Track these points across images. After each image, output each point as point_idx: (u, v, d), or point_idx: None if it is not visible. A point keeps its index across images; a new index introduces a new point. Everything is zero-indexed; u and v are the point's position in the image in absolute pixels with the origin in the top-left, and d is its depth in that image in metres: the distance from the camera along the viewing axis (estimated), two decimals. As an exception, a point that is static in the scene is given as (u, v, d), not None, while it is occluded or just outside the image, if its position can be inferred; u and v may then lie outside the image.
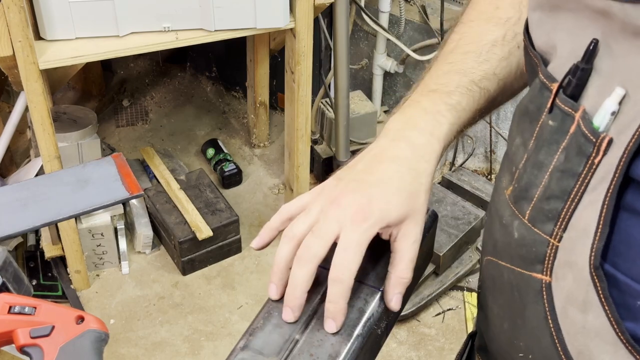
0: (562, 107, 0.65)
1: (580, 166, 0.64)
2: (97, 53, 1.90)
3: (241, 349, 0.69)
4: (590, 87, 0.63)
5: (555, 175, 0.66)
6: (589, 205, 0.63)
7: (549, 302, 0.69)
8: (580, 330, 0.67)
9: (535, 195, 0.68)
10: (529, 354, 0.74)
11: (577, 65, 0.63)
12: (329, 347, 0.69)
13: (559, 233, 0.67)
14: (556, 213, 0.67)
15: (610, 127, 0.61)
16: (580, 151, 0.63)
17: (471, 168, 2.74)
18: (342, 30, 2.22)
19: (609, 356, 0.65)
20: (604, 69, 0.62)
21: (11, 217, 0.88)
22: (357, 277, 0.75)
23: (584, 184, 0.64)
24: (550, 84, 0.67)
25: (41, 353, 0.72)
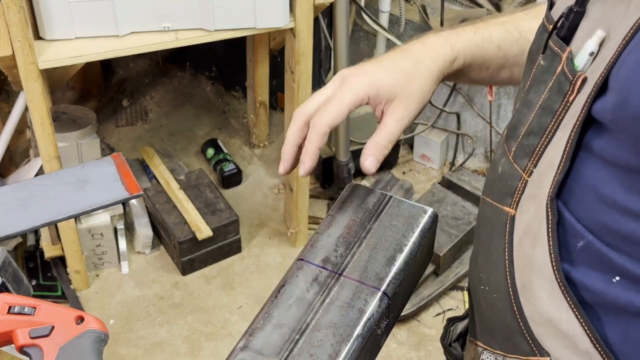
0: (554, 47, 0.68)
1: (557, 103, 0.66)
2: (97, 53, 1.89)
3: (241, 349, 0.69)
4: (580, 30, 0.66)
5: (538, 112, 0.69)
6: (558, 141, 0.66)
7: (509, 235, 0.73)
8: (527, 264, 0.70)
9: (521, 132, 0.72)
10: (486, 286, 0.77)
11: (571, 7, 0.67)
12: (329, 347, 0.69)
13: (531, 168, 0.70)
14: (532, 149, 0.70)
15: (588, 67, 0.64)
16: (560, 89, 0.66)
17: (471, 168, 2.74)
18: (342, 30, 2.22)
19: (546, 294, 0.68)
20: (594, 14, 0.65)
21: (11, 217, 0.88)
22: (357, 277, 0.75)
23: (558, 121, 0.66)
24: (549, 25, 0.70)
25: (41, 353, 0.72)
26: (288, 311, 0.72)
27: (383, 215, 0.82)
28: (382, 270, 0.76)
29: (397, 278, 0.77)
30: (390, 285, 0.75)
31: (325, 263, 0.77)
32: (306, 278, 0.76)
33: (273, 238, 2.52)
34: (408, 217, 0.82)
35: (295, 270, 0.77)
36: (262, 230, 2.55)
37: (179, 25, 1.94)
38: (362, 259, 0.78)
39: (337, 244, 0.79)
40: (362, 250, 0.79)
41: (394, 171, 2.78)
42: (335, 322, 0.71)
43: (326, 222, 0.82)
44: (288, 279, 0.76)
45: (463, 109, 2.67)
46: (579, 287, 0.67)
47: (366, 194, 0.85)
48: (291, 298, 0.74)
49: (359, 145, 2.60)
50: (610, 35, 0.62)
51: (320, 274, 0.76)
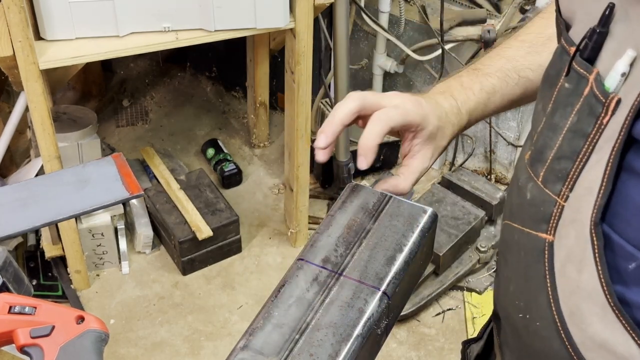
0: (578, 69, 0.67)
1: (590, 126, 0.65)
2: (97, 53, 1.90)
3: (241, 349, 0.69)
4: (605, 51, 0.65)
5: (568, 136, 0.68)
6: (595, 164, 0.65)
7: (549, 261, 0.71)
8: (574, 290, 0.68)
9: (549, 157, 0.70)
10: (527, 314, 0.75)
11: (593, 28, 0.65)
12: (329, 347, 0.69)
13: (566, 193, 0.68)
14: (565, 173, 0.68)
15: (620, 88, 0.62)
16: (591, 112, 0.65)
17: (471, 168, 2.74)
18: (342, 30, 2.22)
19: (598, 319, 0.67)
20: (619, 33, 0.64)
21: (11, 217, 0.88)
22: (357, 276, 0.76)
23: (592, 144, 0.65)
24: (569, 47, 0.69)
25: (41, 353, 0.72)
26: (288, 311, 0.72)
27: (383, 215, 0.82)
28: (382, 270, 0.76)
29: (397, 278, 0.77)
30: (390, 285, 0.76)
31: (325, 263, 0.77)
32: (306, 278, 0.76)
33: (273, 238, 2.52)
34: (408, 217, 0.82)
35: (295, 270, 0.77)
36: (262, 230, 2.55)
37: (179, 25, 1.94)
38: (362, 259, 0.78)
39: (337, 244, 0.79)
40: (362, 250, 0.79)
41: (394, 171, 2.78)
42: (335, 321, 0.71)
43: (326, 222, 0.82)
44: (288, 279, 0.76)
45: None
46: (634, 309, 0.65)
47: (366, 194, 0.85)
48: (291, 298, 0.74)
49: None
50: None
51: (320, 274, 0.76)
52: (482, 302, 2.32)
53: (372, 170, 2.74)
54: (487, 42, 2.36)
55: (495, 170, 2.70)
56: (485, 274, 2.38)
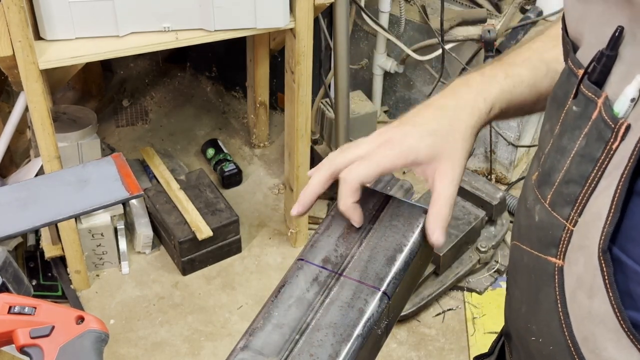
0: (586, 93, 0.66)
1: (598, 151, 0.64)
2: (97, 53, 1.90)
3: (241, 349, 0.69)
4: (614, 74, 0.64)
5: (576, 160, 0.67)
6: (604, 190, 0.64)
7: (559, 286, 0.70)
8: (586, 316, 0.68)
9: (556, 179, 0.69)
10: (539, 338, 0.75)
11: (602, 52, 0.64)
12: (329, 347, 0.69)
13: (575, 217, 0.68)
14: (574, 197, 0.67)
15: (629, 113, 0.62)
16: (600, 137, 0.64)
17: (471, 168, 2.74)
18: (342, 30, 2.22)
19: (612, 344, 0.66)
20: (627, 57, 0.63)
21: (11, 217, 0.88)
22: (357, 277, 0.75)
23: (601, 170, 0.64)
24: (577, 70, 0.68)
25: (41, 353, 0.72)
26: (288, 311, 0.72)
27: (383, 215, 0.82)
28: (382, 270, 0.76)
29: (397, 278, 0.77)
30: (390, 285, 0.75)
31: (325, 263, 0.77)
32: (306, 278, 0.76)
33: (273, 238, 2.52)
34: (408, 217, 0.82)
35: (295, 270, 0.77)
36: (262, 230, 2.55)
37: (179, 25, 1.94)
38: (362, 259, 0.78)
39: (337, 244, 0.79)
40: (362, 250, 0.79)
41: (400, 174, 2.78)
42: (335, 322, 0.71)
43: (326, 222, 0.82)
44: (288, 279, 0.76)
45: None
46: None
47: (366, 194, 0.85)
48: (291, 298, 0.74)
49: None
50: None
51: (320, 274, 0.76)
52: (482, 302, 2.32)
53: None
54: (487, 42, 2.36)
55: (495, 170, 2.70)
56: (485, 274, 2.38)
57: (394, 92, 2.81)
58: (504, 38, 2.48)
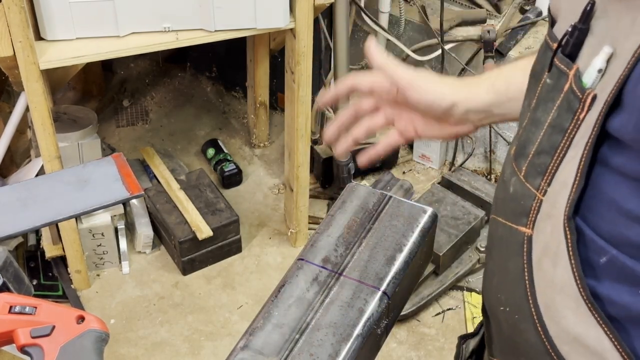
0: (559, 65, 0.68)
1: (568, 122, 0.66)
2: (98, 53, 1.90)
3: (241, 348, 0.70)
4: (586, 47, 0.66)
5: (548, 131, 0.69)
6: (571, 160, 0.66)
7: (527, 255, 0.72)
8: (549, 284, 0.69)
9: (531, 151, 0.71)
10: (507, 307, 0.76)
11: (575, 25, 0.66)
12: (329, 347, 0.69)
13: (544, 187, 0.69)
14: (544, 167, 0.69)
15: (597, 84, 0.63)
16: (569, 107, 0.66)
17: (471, 168, 2.74)
18: (342, 30, 2.22)
19: (572, 312, 0.68)
20: (598, 30, 0.65)
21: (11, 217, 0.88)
22: (357, 276, 0.76)
23: (570, 139, 0.66)
24: (552, 43, 0.70)
25: (42, 353, 0.72)
26: (288, 311, 0.73)
27: (383, 215, 0.83)
28: (381, 270, 0.77)
29: (397, 278, 0.77)
30: (390, 285, 0.76)
31: (325, 263, 0.77)
32: (306, 278, 0.76)
33: (273, 238, 2.52)
34: (408, 217, 0.82)
35: (296, 270, 0.77)
36: (262, 230, 2.55)
37: (179, 25, 1.94)
38: (362, 259, 0.78)
39: (337, 244, 0.79)
40: (362, 250, 0.79)
41: (394, 171, 2.78)
42: (335, 321, 0.72)
43: (326, 222, 0.83)
44: (288, 279, 0.76)
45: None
46: (605, 303, 0.66)
47: (366, 194, 0.85)
48: (291, 298, 0.74)
49: (358, 145, 2.60)
50: (617, 51, 0.62)
51: (320, 274, 0.76)
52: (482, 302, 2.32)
53: (372, 170, 2.74)
54: (487, 42, 2.36)
55: (495, 170, 2.70)
56: (485, 274, 2.38)
57: (394, 92, 2.81)
58: (503, 38, 2.48)
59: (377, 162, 2.72)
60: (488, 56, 2.37)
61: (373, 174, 2.74)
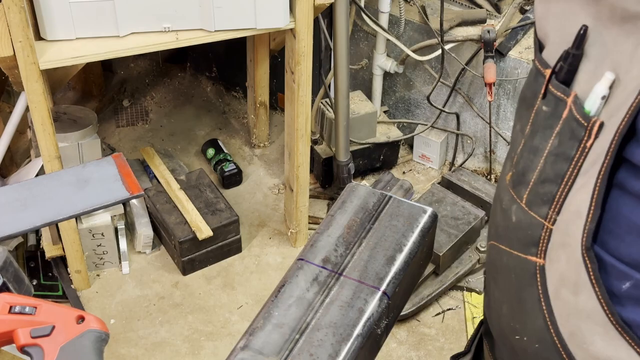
0: (555, 92, 0.66)
1: (573, 150, 0.65)
2: (98, 53, 1.90)
3: (241, 348, 0.70)
4: (581, 73, 0.64)
5: (550, 159, 0.67)
6: (581, 188, 0.64)
7: (542, 285, 0.71)
8: (572, 312, 0.68)
9: (531, 179, 0.70)
10: (524, 336, 0.75)
11: (567, 51, 0.64)
12: (329, 347, 0.69)
13: (553, 216, 0.68)
14: (551, 196, 0.68)
15: (601, 111, 0.62)
16: (573, 135, 0.64)
17: (471, 168, 2.74)
18: (342, 30, 2.22)
19: (600, 337, 0.66)
20: (594, 55, 0.63)
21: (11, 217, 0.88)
22: (357, 276, 0.75)
23: (577, 167, 0.65)
24: (544, 69, 0.68)
25: (41, 353, 0.72)
26: (288, 311, 0.73)
27: (383, 215, 0.83)
28: (382, 270, 0.77)
29: (397, 278, 0.77)
30: (390, 285, 0.76)
31: (325, 263, 0.77)
32: (306, 278, 0.76)
33: (273, 238, 2.52)
34: (408, 217, 0.82)
35: (296, 270, 0.77)
36: (262, 230, 2.55)
37: (179, 25, 1.94)
38: (362, 259, 0.78)
39: (337, 244, 0.79)
40: (362, 250, 0.79)
41: (394, 171, 2.78)
42: (335, 321, 0.72)
43: (326, 222, 0.83)
44: (288, 279, 0.76)
45: (463, 109, 2.68)
46: (633, 327, 0.65)
47: (366, 194, 0.85)
48: (291, 298, 0.74)
49: (359, 145, 2.61)
50: (620, 76, 0.60)
51: (320, 274, 0.76)
52: (482, 302, 2.32)
53: (372, 170, 2.74)
54: (486, 42, 2.36)
55: (495, 170, 2.70)
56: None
57: (393, 92, 2.82)
58: (503, 38, 2.48)
59: (377, 162, 2.72)
60: (488, 56, 2.37)
61: (373, 174, 2.74)
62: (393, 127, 2.75)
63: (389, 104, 2.84)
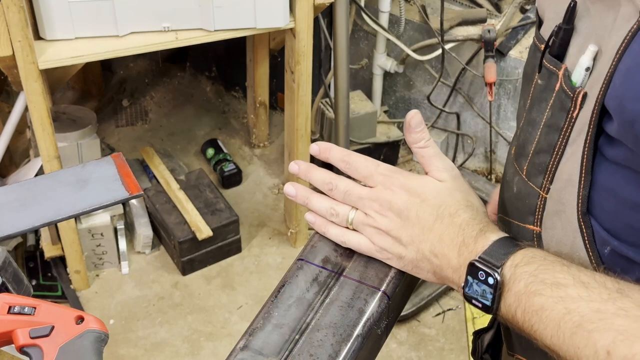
0: (548, 66, 0.69)
1: (562, 121, 0.67)
2: (97, 53, 1.89)
3: (241, 348, 0.69)
4: (572, 47, 0.68)
5: (544, 130, 0.70)
6: (570, 157, 0.67)
7: None
8: None
9: (530, 151, 0.73)
10: None
11: (559, 26, 0.68)
12: (329, 347, 0.69)
13: (547, 185, 0.71)
14: (545, 166, 0.70)
15: (586, 82, 0.65)
16: (562, 107, 0.67)
17: (471, 168, 2.74)
18: (342, 30, 2.22)
19: None
20: (583, 29, 0.67)
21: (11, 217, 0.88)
22: (357, 277, 0.75)
23: (566, 137, 0.68)
24: (540, 45, 0.72)
25: (41, 353, 0.72)
26: (288, 311, 0.72)
27: (383, 215, 0.82)
28: (382, 270, 0.76)
29: (397, 278, 0.77)
30: (390, 285, 0.75)
31: (325, 263, 0.77)
32: (306, 278, 0.76)
33: (273, 238, 2.52)
34: (408, 217, 0.82)
35: (295, 270, 0.77)
36: (262, 230, 2.55)
37: (179, 25, 1.94)
38: (362, 259, 0.78)
39: (337, 244, 0.79)
40: (362, 250, 0.79)
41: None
42: (335, 322, 0.71)
43: (326, 222, 0.82)
44: (288, 279, 0.76)
45: (463, 109, 2.67)
46: None
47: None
48: (291, 298, 0.74)
49: (359, 145, 2.60)
50: (602, 48, 0.63)
51: (320, 274, 0.76)
52: (482, 302, 2.31)
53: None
54: (487, 42, 2.36)
55: (495, 170, 2.70)
56: (485, 274, 2.38)
57: (393, 92, 2.81)
58: (504, 38, 2.48)
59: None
60: (488, 56, 2.37)
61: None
62: (393, 127, 2.75)
63: (389, 104, 2.84)
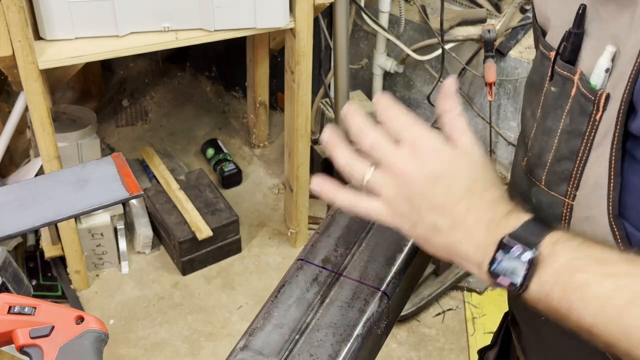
0: (562, 72, 0.68)
1: (584, 125, 0.66)
2: (97, 53, 1.89)
3: (241, 348, 0.69)
4: (584, 50, 0.67)
5: (563, 137, 0.69)
6: (596, 161, 0.66)
7: None
8: None
9: (548, 160, 0.71)
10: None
11: (569, 31, 0.67)
12: (329, 347, 0.69)
13: (572, 192, 0.69)
14: (568, 173, 0.69)
15: (606, 84, 0.64)
16: (583, 111, 0.66)
17: (471, 168, 2.74)
18: (342, 30, 2.21)
19: None
20: (594, 32, 0.66)
21: (11, 217, 0.88)
22: (357, 277, 0.75)
23: (589, 142, 0.66)
24: (549, 52, 0.71)
25: (41, 353, 0.72)
26: (288, 311, 0.72)
27: (383, 215, 0.82)
28: (381, 270, 0.76)
29: (397, 278, 0.77)
30: (390, 285, 0.75)
31: (325, 263, 0.77)
32: (306, 278, 0.76)
33: (273, 238, 2.52)
34: (408, 217, 0.82)
35: (295, 270, 0.77)
36: (262, 230, 2.55)
37: (179, 25, 1.94)
38: (362, 259, 0.78)
39: (337, 244, 0.79)
40: (362, 250, 0.79)
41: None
42: (335, 322, 0.71)
43: (326, 222, 0.82)
44: (288, 279, 0.76)
45: (463, 109, 2.67)
46: None
47: (366, 194, 0.85)
48: (291, 298, 0.74)
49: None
50: (620, 49, 0.63)
51: (320, 274, 0.76)
52: (482, 302, 2.32)
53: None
54: (487, 42, 2.36)
55: (495, 170, 2.70)
56: (485, 274, 2.38)
57: (393, 92, 2.81)
58: (504, 38, 2.48)
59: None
60: (488, 56, 2.36)
61: (373, 174, 2.73)
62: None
63: (388, 104, 2.84)
